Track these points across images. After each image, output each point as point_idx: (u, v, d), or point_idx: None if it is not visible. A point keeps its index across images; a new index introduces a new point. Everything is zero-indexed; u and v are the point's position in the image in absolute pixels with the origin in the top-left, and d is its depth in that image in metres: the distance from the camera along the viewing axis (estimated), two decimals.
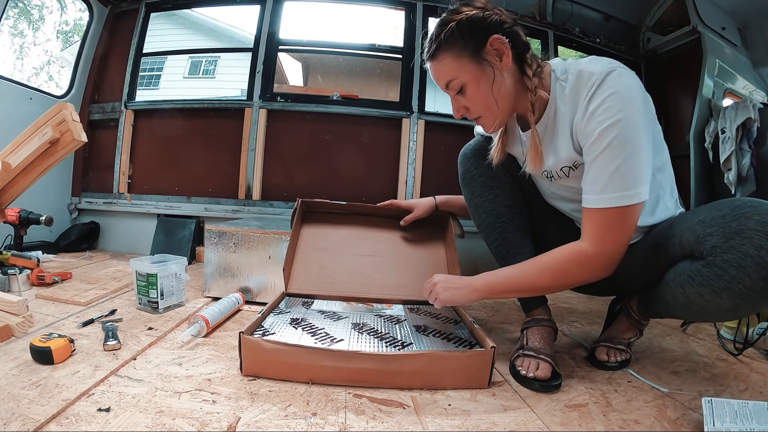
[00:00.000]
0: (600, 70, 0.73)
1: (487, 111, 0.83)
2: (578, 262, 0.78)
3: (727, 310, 0.69)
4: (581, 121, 0.76)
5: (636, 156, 0.71)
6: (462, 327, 1.00)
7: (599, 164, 0.74)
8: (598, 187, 0.75)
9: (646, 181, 0.73)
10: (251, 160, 2.22)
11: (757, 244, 0.62)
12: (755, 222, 0.63)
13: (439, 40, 0.80)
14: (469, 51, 0.78)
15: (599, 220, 0.76)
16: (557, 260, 0.80)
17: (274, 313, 1.02)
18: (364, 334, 0.91)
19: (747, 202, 0.67)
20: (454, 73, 0.81)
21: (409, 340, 0.89)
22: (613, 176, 0.72)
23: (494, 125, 0.85)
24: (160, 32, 2.82)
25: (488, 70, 0.79)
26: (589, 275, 0.79)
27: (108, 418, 0.62)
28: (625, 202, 0.72)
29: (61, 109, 1.15)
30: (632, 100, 0.71)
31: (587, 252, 0.77)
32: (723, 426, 0.61)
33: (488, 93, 0.80)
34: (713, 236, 0.68)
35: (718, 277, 0.66)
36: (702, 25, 2.26)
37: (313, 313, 1.04)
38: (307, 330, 0.91)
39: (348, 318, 1.01)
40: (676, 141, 2.34)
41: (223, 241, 1.33)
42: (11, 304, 0.96)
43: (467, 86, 0.81)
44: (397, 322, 1.01)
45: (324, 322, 0.97)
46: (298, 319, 0.98)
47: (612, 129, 0.71)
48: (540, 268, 0.82)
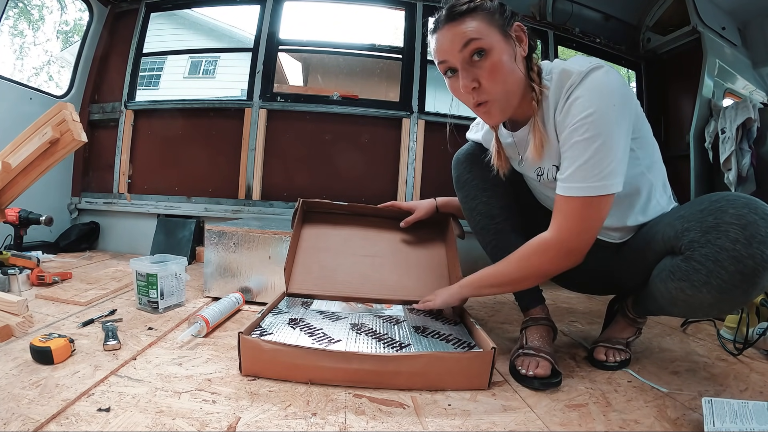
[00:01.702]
0: (580, 68, 0.74)
1: (502, 88, 0.77)
2: (539, 252, 0.80)
3: (709, 305, 0.69)
4: (559, 115, 0.77)
5: (607, 148, 0.71)
6: (462, 328, 1.00)
7: (571, 155, 0.74)
8: (566, 176, 0.75)
9: (616, 174, 0.72)
10: (251, 160, 2.22)
11: (733, 237, 0.63)
12: (730, 215, 0.64)
13: (470, 4, 0.75)
14: (499, 24, 0.76)
15: (565, 209, 0.77)
16: (522, 251, 0.83)
17: (273, 313, 1.02)
18: (362, 334, 0.91)
19: (724, 196, 0.68)
20: (480, 33, 0.74)
21: (408, 341, 0.89)
22: (582, 167, 0.73)
23: (502, 112, 0.80)
24: (160, 32, 2.82)
25: (512, 46, 0.77)
26: (549, 264, 0.80)
27: (108, 418, 0.62)
28: (592, 192, 0.73)
29: (61, 109, 1.15)
30: (608, 95, 0.71)
31: (548, 241, 0.79)
32: (723, 426, 0.61)
33: (510, 66, 0.76)
34: (691, 231, 0.69)
35: (696, 271, 0.67)
36: (702, 25, 2.26)
37: (312, 313, 1.04)
38: (305, 330, 0.91)
39: (347, 318, 1.01)
40: (676, 141, 2.34)
41: (223, 241, 1.33)
42: (11, 304, 0.96)
43: (491, 53, 0.74)
44: (396, 322, 1.01)
45: (322, 323, 0.97)
46: (296, 319, 0.98)
47: (584, 121, 0.71)
48: (510, 261, 0.85)
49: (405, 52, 2.34)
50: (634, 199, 0.86)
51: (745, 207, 0.64)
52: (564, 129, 0.76)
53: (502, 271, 0.88)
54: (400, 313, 1.10)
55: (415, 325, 0.99)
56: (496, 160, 0.94)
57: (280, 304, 1.10)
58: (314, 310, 1.07)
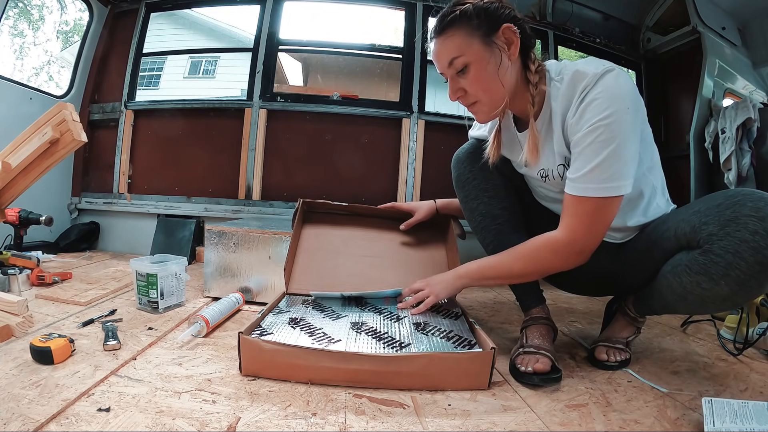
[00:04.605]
0: (595, 71, 0.75)
1: (486, 95, 0.82)
2: (549, 249, 0.81)
3: (724, 298, 0.70)
4: (572, 117, 0.77)
5: (621, 151, 0.73)
6: (462, 322, 0.99)
7: (584, 156, 0.75)
8: (579, 176, 0.76)
9: (628, 176, 0.74)
10: (251, 160, 2.22)
11: (752, 229, 0.64)
12: (749, 208, 0.65)
13: (452, 15, 0.79)
14: (481, 33, 0.78)
15: (576, 209, 0.78)
16: (530, 247, 0.84)
17: (274, 312, 1.01)
18: (362, 333, 0.91)
19: (740, 191, 0.69)
20: (461, 50, 0.79)
21: (408, 340, 0.88)
22: (595, 168, 0.74)
23: (489, 113, 0.84)
24: (160, 32, 2.82)
25: (496, 54, 0.79)
26: (558, 262, 0.82)
27: (108, 418, 0.62)
28: (604, 193, 0.74)
29: (61, 109, 1.15)
30: (622, 99, 0.73)
31: (558, 239, 0.80)
32: (723, 426, 0.61)
33: (492, 76, 0.79)
34: (709, 225, 0.69)
35: (715, 264, 0.68)
36: (702, 25, 2.26)
37: (312, 312, 1.04)
38: (305, 330, 0.91)
39: (347, 317, 1.01)
40: (676, 141, 2.34)
41: (223, 241, 1.33)
42: (11, 304, 0.96)
43: (471, 66, 0.80)
44: (397, 319, 1.01)
45: (323, 322, 0.97)
46: (296, 318, 0.98)
47: (600, 124, 0.73)
48: (514, 254, 0.86)
49: (405, 52, 2.34)
50: (636, 200, 0.86)
51: (761, 200, 0.65)
52: (578, 130, 0.76)
53: (508, 265, 0.87)
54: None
55: (416, 322, 0.98)
56: (489, 148, 0.94)
57: (281, 303, 1.10)
58: (313, 306, 1.07)
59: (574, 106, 0.77)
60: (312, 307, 1.07)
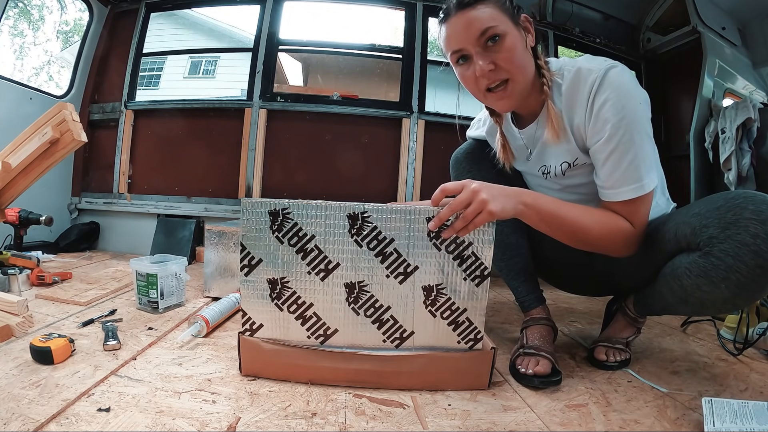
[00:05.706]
0: (598, 67, 0.76)
1: (519, 71, 0.78)
2: (622, 236, 0.81)
3: (724, 301, 0.70)
4: (587, 120, 0.78)
5: (644, 146, 0.76)
6: (484, 289, 0.79)
7: (614, 160, 0.77)
8: (615, 180, 0.78)
9: (653, 168, 0.78)
10: (251, 160, 2.22)
11: (753, 232, 0.63)
12: (750, 211, 0.65)
13: None
14: (510, 13, 0.78)
15: (631, 209, 0.79)
16: (611, 222, 0.80)
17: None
18: (360, 313, 0.78)
19: (741, 194, 0.69)
20: (496, 20, 0.76)
21: (411, 325, 0.78)
22: (628, 168, 0.76)
23: (518, 95, 0.80)
24: (160, 32, 2.82)
25: (522, 34, 0.80)
26: (625, 248, 0.82)
27: (108, 418, 0.62)
28: (641, 192, 0.77)
29: (61, 109, 1.15)
30: (633, 95, 0.75)
31: (631, 230, 0.80)
32: (723, 426, 0.61)
33: (525, 52, 0.79)
34: (709, 227, 0.69)
35: (715, 267, 0.67)
36: (702, 25, 2.26)
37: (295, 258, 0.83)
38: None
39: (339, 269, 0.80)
40: (676, 141, 2.34)
41: (223, 241, 1.33)
42: (11, 304, 0.96)
43: (506, 36, 0.76)
44: (404, 276, 0.79)
45: (314, 289, 0.79)
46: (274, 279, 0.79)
47: (620, 125, 0.74)
48: (595, 217, 0.80)
49: (405, 52, 2.33)
50: None
51: (763, 203, 0.65)
52: (596, 134, 0.77)
53: (580, 218, 0.79)
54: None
55: (426, 285, 0.78)
56: (501, 154, 0.95)
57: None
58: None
59: (586, 108, 0.77)
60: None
